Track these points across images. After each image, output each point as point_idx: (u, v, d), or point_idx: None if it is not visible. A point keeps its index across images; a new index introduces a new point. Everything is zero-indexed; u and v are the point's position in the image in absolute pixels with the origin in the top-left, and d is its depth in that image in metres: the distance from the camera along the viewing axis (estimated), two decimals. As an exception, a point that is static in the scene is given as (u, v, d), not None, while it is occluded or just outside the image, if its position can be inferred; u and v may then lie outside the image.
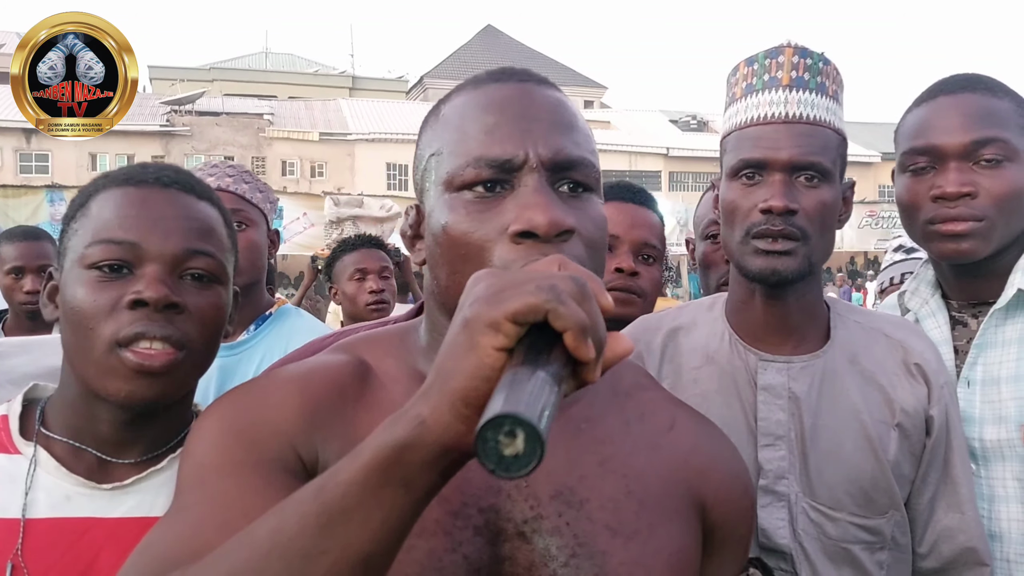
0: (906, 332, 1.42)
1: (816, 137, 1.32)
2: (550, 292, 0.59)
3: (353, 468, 0.63)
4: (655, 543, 0.89)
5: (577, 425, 0.92)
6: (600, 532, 0.87)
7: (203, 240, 1.06)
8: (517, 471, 0.54)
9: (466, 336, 0.61)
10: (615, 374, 1.00)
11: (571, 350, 0.59)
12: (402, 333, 1.00)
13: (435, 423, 0.61)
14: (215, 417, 0.89)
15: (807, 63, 1.36)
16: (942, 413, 1.35)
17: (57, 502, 1.03)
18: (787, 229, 1.29)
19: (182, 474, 0.86)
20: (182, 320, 1.02)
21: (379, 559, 0.64)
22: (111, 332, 0.99)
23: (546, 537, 0.85)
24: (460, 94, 0.95)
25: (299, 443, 0.85)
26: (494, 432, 0.53)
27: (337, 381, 0.91)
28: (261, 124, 27.38)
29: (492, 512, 0.85)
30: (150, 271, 1.01)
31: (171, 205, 1.06)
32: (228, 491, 0.79)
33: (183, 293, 1.03)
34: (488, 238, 0.85)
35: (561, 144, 0.88)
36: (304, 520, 0.63)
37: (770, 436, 1.33)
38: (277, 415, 0.87)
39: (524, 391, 0.55)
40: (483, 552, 0.84)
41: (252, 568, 0.64)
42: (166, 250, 1.03)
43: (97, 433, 1.06)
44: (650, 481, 0.92)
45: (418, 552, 0.81)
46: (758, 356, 1.38)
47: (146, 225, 1.03)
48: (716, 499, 0.96)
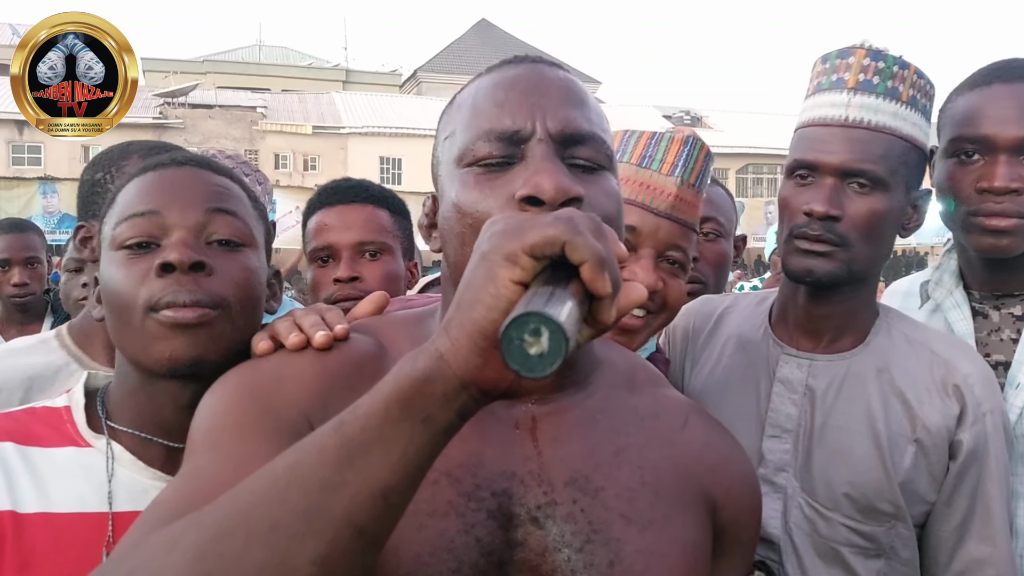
0: (957, 352, 1.36)
1: (873, 144, 1.29)
2: (568, 223, 0.60)
3: (373, 401, 0.63)
4: (670, 533, 0.89)
5: (593, 416, 0.93)
6: (615, 520, 0.87)
7: (224, 202, 1.08)
8: (542, 370, 0.54)
9: (484, 269, 0.61)
10: (630, 371, 1.01)
11: (588, 283, 0.59)
12: (419, 318, 1.00)
13: (453, 356, 0.61)
14: (232, 382, 0.89)
15: (878, 66, 1.33)
16: (977, 439, 1.29)
17: (135, 495, 1.04)
18: (824, 235, 1.30)
19: (194, 436, 0.86)
20: (211, 281, 1.03)
21: (398, 494, 0.64)
22: (144, 299, 1.01)
23: (560, 523, 0.85)
24: (475, 80, 0.96)
25: (313, 416, 0.84)
26: (519, 331, 0.54)
27: (354, 357, 0.91)
28: (254, 117, 27.25)
29: (505, 496, 0.85)
30: (176, 238, 1.04)
31: (190, 178, 1.09)
32: (242, 453, 0.79)
33: (211, 256, 1.05)
34: (495, 207, 0.84)
35: (571, 116, 0.88)
36: (323, 453, 0.63)
37: (777, 428, 1.35)
38: (294, 385, 0.87)
39: (546, 296, 0.56)
40: (496, 536, 0.83)
41: (270, 500, 0.63)
42: (188, 218, 1.05)
43: (162, 420, 1.08)
44: (664, 474, 0.92)
45: (430, 531, 0.81)
46: (781, 349, 1.40)
47: (167, 198, 1.06)
48: (727, 499, 0.96)
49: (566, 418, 0.92)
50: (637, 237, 1.28)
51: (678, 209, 1.31)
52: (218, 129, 26.33)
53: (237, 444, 0.81)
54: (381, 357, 0.92)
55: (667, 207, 1.30)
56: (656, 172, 1.33)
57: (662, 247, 1.30)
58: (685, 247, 1.32)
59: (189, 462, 0.83)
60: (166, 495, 0.78)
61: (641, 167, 1.34)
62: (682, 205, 1.31)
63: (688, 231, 1.33)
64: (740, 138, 30.46)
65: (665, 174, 1.32)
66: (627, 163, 1.34)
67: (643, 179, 1.32)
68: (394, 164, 27.02)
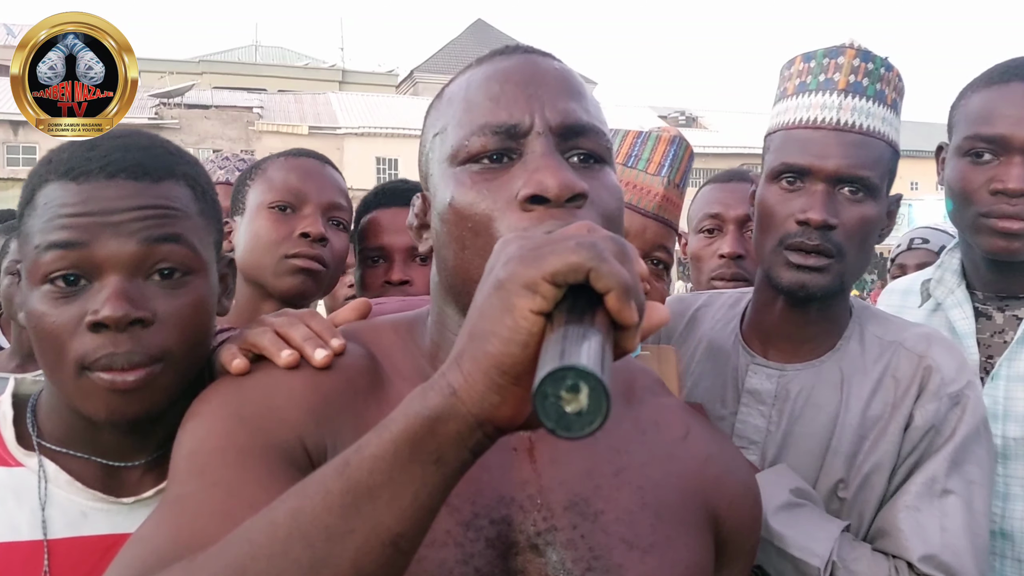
0: (929, 344, 1.29)
1: (867, 149, 1.24)
2: (592, 250, 0.55)
3: (381, 442, 0.59)
4: (672, 556, 0.85)
5: None
6: (616, 545, 0.83)
7: (165, 227, 0.92)
8: (580, 430, 0.49)
9: (500, 298, 0.56)
10: (628, 380, 0.97)
11: (614, 313, 0.54)
12: (410, 324, 0.94)
13: (468, 393, 0.56)
14: (216, 402, 0.83)
15: (868, 67, 1.28)
16: (934, 417, 1.22)
17: (74, 520, 0.94)
18: (823, 245, 1.23)
19: (176, 462, 0.79)
20: (153, 332, 0.90)
21: (408, 539, 0.60)
22: (77, 356, 0.89)
23: (560, 550, 0.81)
24: (464, 73, 0.91)
25: (307, 434, 0.79)
26: (555, 387, 0.48)
27: (347, 371, 0.85)
28: (250, 117, 27.22)
29: (504, 524, 0.81)
30: (108, 283, 0.89)
31: (122, 197, 0.91)
32: (231, 479, 0.73)
33: (151, 299, 0.91)
34: (496, 208, 0.79)
35: (570, 108, 0.83)
36: (328, 498, 0.58)
37: (744, 439, 1.32)
38: (284, 402, 0.81)
39: (581, 345, 0.50)
40: (495, 565, 0.79)
41: (270, 552, 0.58)
42: (123, 253, 0.89)
43: (97, 442, 0.97)
44: (666, 492, 0.89)
45: (428, 563, 0.76)
46: (752, 359, 1.35)
47: (95, 225, 0.89)
48: (730, 510, 0.93)
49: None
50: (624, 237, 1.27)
51: (664, 209, 1.30)
52: (214, 130, 26.29)
53: (225, 470, 0.75)
54: (373, 368, 0.87)
55: (654, 207, 1.29)
56: (643, 172, 1.31)
57: (648, 248, 1.27)
58: (669, 247, 1.31)
59: (173, 490, 0.77)
60: (150, 531, 0.71)
61: (627, 167, 1.32)
62: (668, 205, 1.30)
63: (672, 231, 1.31)
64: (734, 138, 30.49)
65: (652, 174, 1.31)
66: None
67: (629, 179, 1.30)
68: (390, 164, 27.01)
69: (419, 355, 0.90)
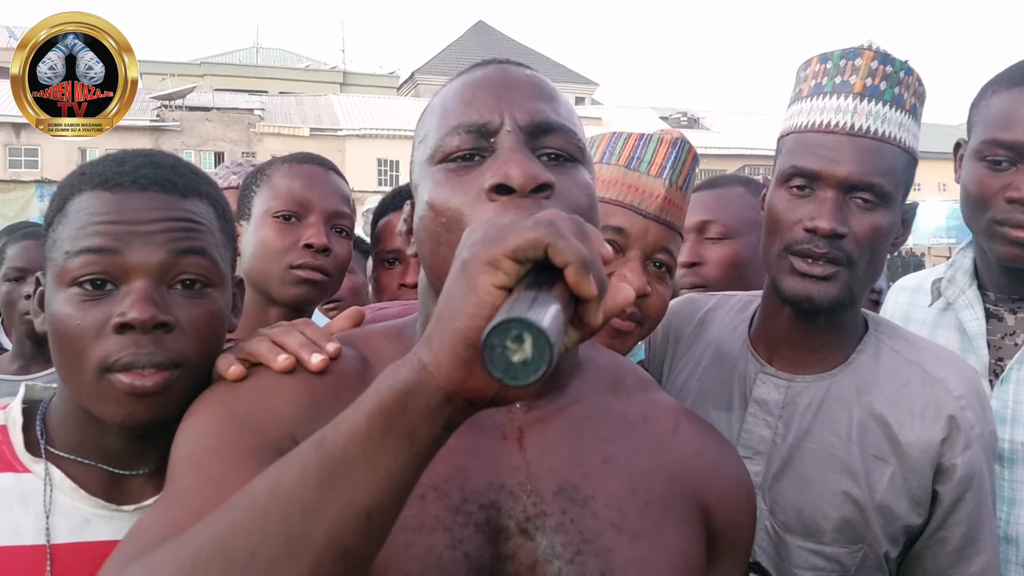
0: (949, 371, 1.27)
1: (881, 155, 1.21)
2: (550, 226, 0.58)
3: (355, 417, 0.61)
4: (661, 543, 0.87)
5: (580, 423, 0.91)
6: (606, 529, 0.85)
7: (191, 240, 0.98)
8: (526, 378, 0.52)
9: (465, 277, 0.59)
10: (617, 374, 0.99)
11: (572, 286, 0.57)
12: (400, 329, 0.98)
13: (436, 368, 0.59)
14: (212, 402, 0.87)
15: (886, 71, 1.24)
16: (971, 465, 1.21)
17: (77, 526, 0.97)
18: (831, 253, 1.20)
19: (175, 459, 0.82)
20: (174, 338, 0.95)
21: (383, 514, 0.62)
22: (100, 357, 0.92)
23: (550, 534, 0.83)
24: (446, 85, 0.97)
25: (298, 432, 0.81)
26: (500, 338, 0.51)
27: (338, 372, 0.89)
28: (252, 119, 27.25)
29: (494, 509, 0.83)
30: (136, 287, 0.94)
31: (153, 208, 0.97)
32: (225, 475, 0.76)
33: (174, 307, 0.96)
34: (466, 201, 0.83)
35: (538, 108, 0.88)
36: (304, 473, 0.61)
37: (749, 449, 1.30)
38: (277, 402, 0.85)
39: (529, 301, 0.54)
40: (484, 550, 0.81)
41: (250, 526, 0.61)
42: (151, 260, 0.95)
43: (105, 448, 1.01)
44: (655, 482, 0.90)
45: (417, 548, 0.79)
46: (760, 367, 1.34)
47: (127, 233, 0.95)
48: (720, 504, 0.94)
49: (552, 426, 0.90)
50: (625, 239, 1.26)
51: (666, 211, 1.29)
52: (215, 131, 26.32)
53: (218, 464, 0.78)
54: (364, 371, 0.90)
55: (655, 209, 1.29)
56: (644, 174, 1.31)
57: (650, 249, 1.27)
58: (672, 250, 1.31)
59: (170, 486, 0.80)
60: (146, 522, 0.75)
61: (629, 169, 1.32)
62: (670, 207, 1.30)
63: (675, 234, 1.31)
64: (737, 139, 30.52)
65: (653, 176, 1.30)
66: (615, 164, 1.32)
67: (631, 181, 1.30)
68: (391, 166, 27.02)
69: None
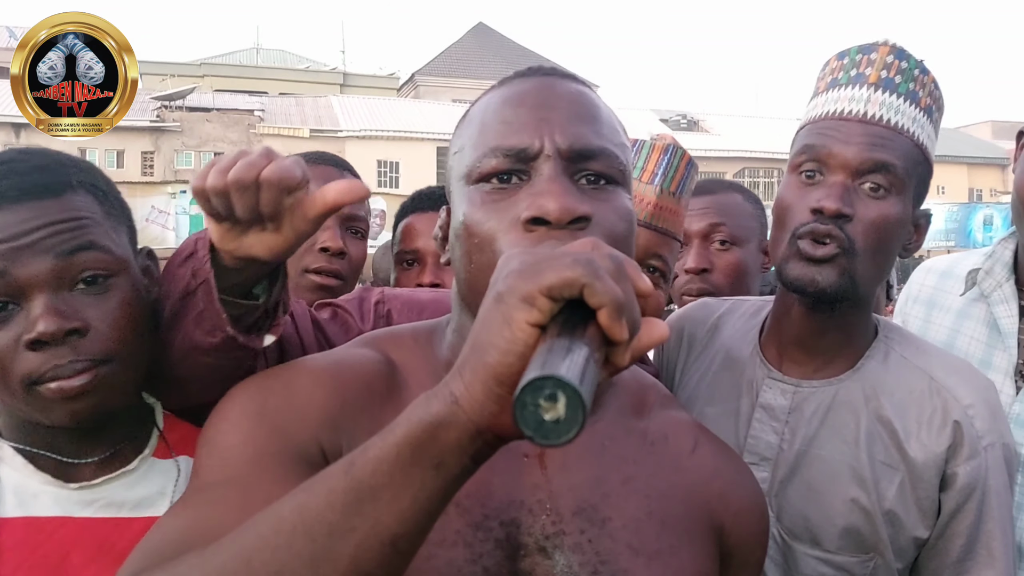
0: (958, 380, 1.25)
1: (892, 143, 1.20)
2: (587, 267, 0.57)
3: (385, 445, 0.62)
4: (676, 564, 0.88)
5: (601, 442, 0.91)
6: (622, 551, 0.85)
7: (76, 238, 0.95)
8: (557, 438, 0.51)
9: (500, 311, 0.59)
10: (640, 392, 1.00)
11: (605, 328, 0.57)
12: (429, 333, 0.98)
13: (468, 402, 0.59)
14: (240, 400, 0.87)
15: (901, 66, 1.24)
16: (974, 474, 1.19)
17: (25, 500, 0.98)
18: (833, 231, 1.18)
19: (201, 455, 0.84)
20: (91, 340, 0.94)
21: (407, 541, 0.62)
22: (23, 375, 0.92)
23: (567, 554, 0.84)
24: (487, 94, 0.95)
25: (324, 437, 0.83)
26: (533, 396, 0.50)
27: (366, 377, 0.90)
28: (252, 120, 27.25)
29: (513, 526, 0.84)
30: (37, 302, 0.92)
31: (29, 219, 0.93)
32: (249, 476, 0.77)
33: (82, 308, 0.95)
34: (500, 227, 0.83)
35: (580, 133, 0.86)
36: (332, 496, 0.62)
37: (756, 456, 1.29)
38: (305, 404, 0.85)
39: (564, 356, 0.52)
40: (503, 566, 0.82)
41: (275, 544, 0.62)
42: (42, 271, 0.92)
43: (52, 441, 1.01)
44: (672, 503, 0.91)
45: (437, 561, 0.79)
46: (767, 372, 1.33)
47: (10, 251, 0.92)
48: (735, 524, 0.95)
49: (574, 445, 0.90)
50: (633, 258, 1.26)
51: (658, 218, 1.30)
52: (215, 132, 26.32)
53: (243, 467, 0.79)
54: (391, 375, 0.91)
55: (647, 216, 1.29)
56: (636, 180, 1.31)
57: (642, 255, 1.27)
58: (665, 256, 1.31)
59: (194, 481, 0.83)
60: (171, 519, 0.76)
61: None
62: (662, 214, 1.30)
63: (669, 240, 1.32)
64: (737, 142, 30.53)
65: (645, 182, 1.31)
66: None
67: None
68: (391, 168, 27.01)
69: (437, 362, 0.93)
